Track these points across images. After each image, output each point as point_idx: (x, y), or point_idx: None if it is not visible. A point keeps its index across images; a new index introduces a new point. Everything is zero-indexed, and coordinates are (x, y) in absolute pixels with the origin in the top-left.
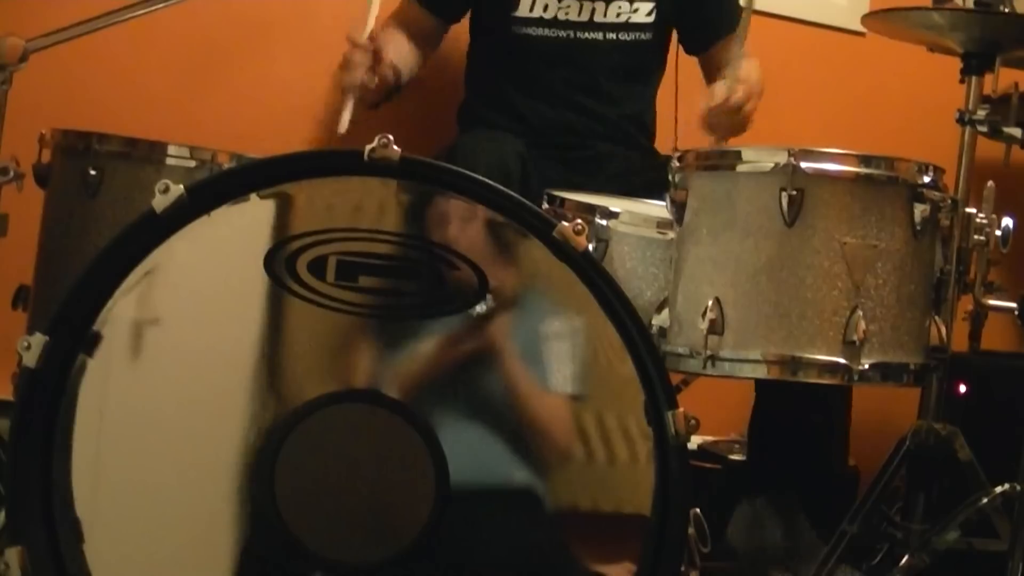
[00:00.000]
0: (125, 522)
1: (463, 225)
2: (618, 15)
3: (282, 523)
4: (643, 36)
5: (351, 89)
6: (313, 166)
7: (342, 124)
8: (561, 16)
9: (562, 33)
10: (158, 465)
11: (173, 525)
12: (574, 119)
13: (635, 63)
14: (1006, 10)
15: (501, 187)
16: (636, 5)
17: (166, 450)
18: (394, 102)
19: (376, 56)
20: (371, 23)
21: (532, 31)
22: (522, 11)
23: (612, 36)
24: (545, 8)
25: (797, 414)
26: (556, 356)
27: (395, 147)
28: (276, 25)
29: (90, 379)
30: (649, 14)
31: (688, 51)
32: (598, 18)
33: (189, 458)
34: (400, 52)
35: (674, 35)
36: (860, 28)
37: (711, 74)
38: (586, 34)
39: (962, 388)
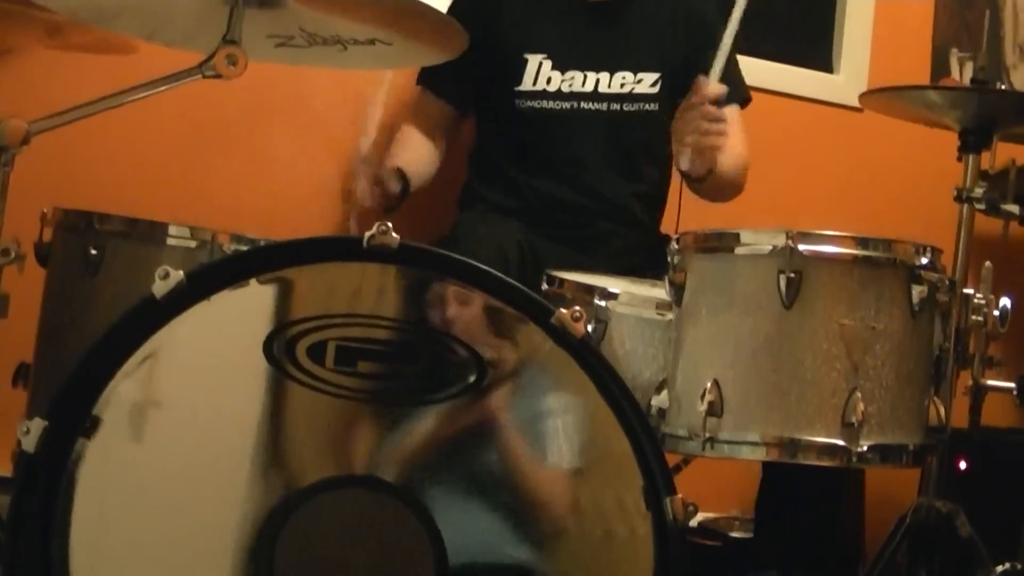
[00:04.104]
0: None
1: (461, 310)
2: (622, 85)
3: None
4: (648, 107)
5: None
6: (313, 252)
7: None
8: (565, 88)
9: (566, 105)
10: (157, 548)
11: None
12: (575, 196)
13: (640, 137)
14: (1003, 87)
15: (499, 274)
16: (640, 75)
17: (165, 532)
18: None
19: (376, 178)
20: (372, 131)
21: (536, 104)
22: (525, 85)
23: (616, 107)
24: (548, 81)
25: (804, 492)
26: (553, 434)
27: (394, 234)
28: (274, 106)
29: (90, 462)
30: (654, 84)
31: None
32: (603, 88)
33: (188, 541)
34: (412, 156)
35: None
36: (858, 104)
37: None
38: (591, 104)
39: (962, 464)
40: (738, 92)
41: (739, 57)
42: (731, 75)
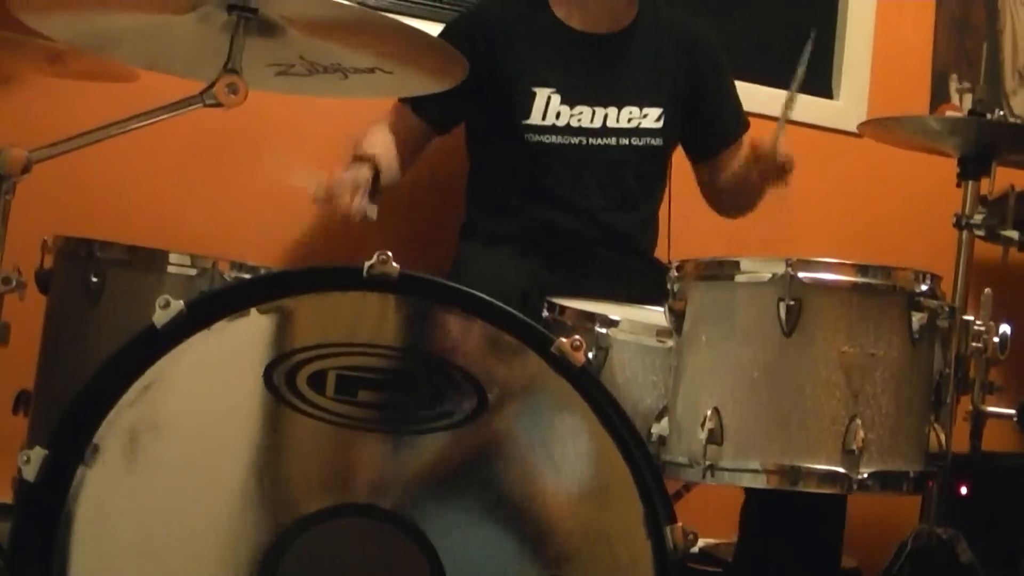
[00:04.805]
0: None
1: (461, 338)
2: (629, 120)
3: None
4: (653, 142)
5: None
6: (313, 282)
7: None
8: (574, 123)
9: (575, 140)
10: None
11: None
12: (576, 225)
13: (644, 170)
14: (1002, 112)
15: (499, 303)
16: (646, 111)
17: (164, 561)
18: (396, 217)
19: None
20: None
21: (545, 139)
22: (534, 119)
23: (625, 141)
24: (558, 116)
25: (789, 515)
26: (553, 462)
27: (394, 263)
28: (274, 132)
29: (89, 489)
30: (658, 119)
31: (694, 158)
32: (611, 123)
33: (188, 569)
34: (385, 146)
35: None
36: (856, 130)
37: (715, 179)
38: (599, 140)
39: (963, 490)
40: (743, 124)
41: (737, 83)
42: (734, 108)
